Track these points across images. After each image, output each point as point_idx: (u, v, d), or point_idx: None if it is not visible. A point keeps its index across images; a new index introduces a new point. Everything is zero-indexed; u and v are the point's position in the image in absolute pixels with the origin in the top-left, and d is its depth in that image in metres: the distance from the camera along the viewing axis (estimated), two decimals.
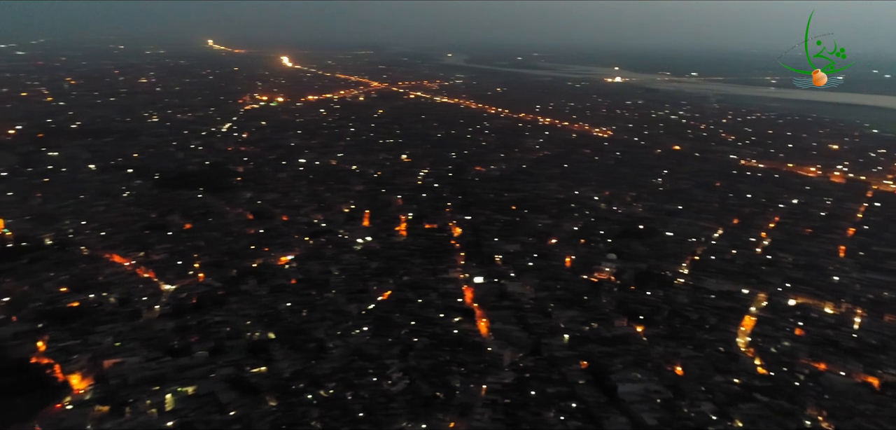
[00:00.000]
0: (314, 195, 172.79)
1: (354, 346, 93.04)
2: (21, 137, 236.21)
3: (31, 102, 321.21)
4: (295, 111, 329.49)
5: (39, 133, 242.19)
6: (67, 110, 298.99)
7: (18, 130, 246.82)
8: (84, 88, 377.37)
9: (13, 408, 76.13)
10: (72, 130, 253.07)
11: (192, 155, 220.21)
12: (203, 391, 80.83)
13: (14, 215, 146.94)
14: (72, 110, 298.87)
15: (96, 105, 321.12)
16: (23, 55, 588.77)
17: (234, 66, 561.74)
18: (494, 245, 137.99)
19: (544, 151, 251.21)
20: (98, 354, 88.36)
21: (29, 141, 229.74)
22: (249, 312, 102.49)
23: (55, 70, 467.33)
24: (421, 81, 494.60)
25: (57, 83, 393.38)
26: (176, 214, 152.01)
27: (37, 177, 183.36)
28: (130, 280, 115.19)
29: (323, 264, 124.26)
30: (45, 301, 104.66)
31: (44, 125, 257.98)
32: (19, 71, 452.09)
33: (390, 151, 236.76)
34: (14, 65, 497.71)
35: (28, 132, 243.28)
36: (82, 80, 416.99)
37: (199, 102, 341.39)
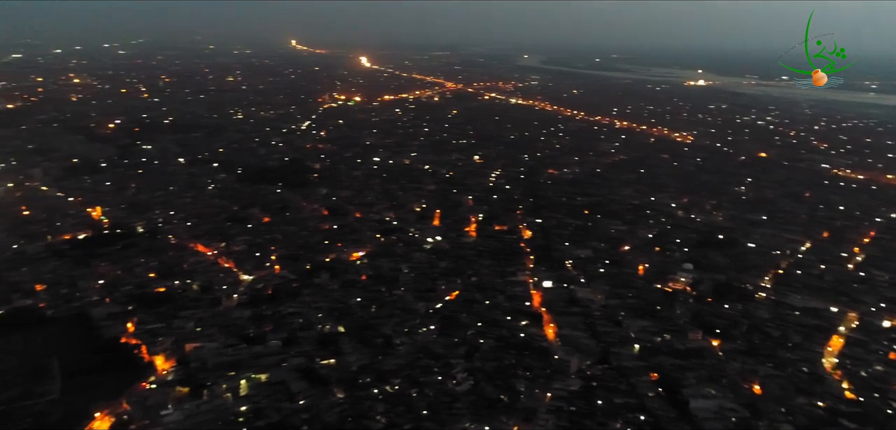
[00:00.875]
0: (387, 193, 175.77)
1: (421, 344, 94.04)
2: (119, 131, 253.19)
3: (130, 99, 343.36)
4: (371, 111, 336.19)
5: (136, 127, 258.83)
6: (161, 106, 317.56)
7: (117, 124, 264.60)
8: (177, 86, 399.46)
9: (104, 384, 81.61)
10: (164, 126, 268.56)
11: (273, 151, 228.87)
12: (275, 379, 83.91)
13: (111, 204, 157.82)
14: (165, 106, 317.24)
15: (187, 102, 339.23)
16: (124, 54, 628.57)
17: (315, 65, 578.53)
18: (565, 250, 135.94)
19: (620, 155, 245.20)
20: (181, 337, 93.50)
21: (126, 135, 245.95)
22: (321, 305, 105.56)
23: (152, 68, 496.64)
24: (496, 82, 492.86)
25: (153, 81, 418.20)
26: (256, 207, 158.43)
27: (132, 169, 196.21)
28: (212, 269, 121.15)
29: (393, 261, 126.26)
30: (136, 285, 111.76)
31: (140, 120, 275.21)
32: (120, 69, 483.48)
33: (463, 151, 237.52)
34: (116, 63, 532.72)
35: (126, 127, 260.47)
36: (175, 77, 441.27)
37: (281, 100, 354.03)
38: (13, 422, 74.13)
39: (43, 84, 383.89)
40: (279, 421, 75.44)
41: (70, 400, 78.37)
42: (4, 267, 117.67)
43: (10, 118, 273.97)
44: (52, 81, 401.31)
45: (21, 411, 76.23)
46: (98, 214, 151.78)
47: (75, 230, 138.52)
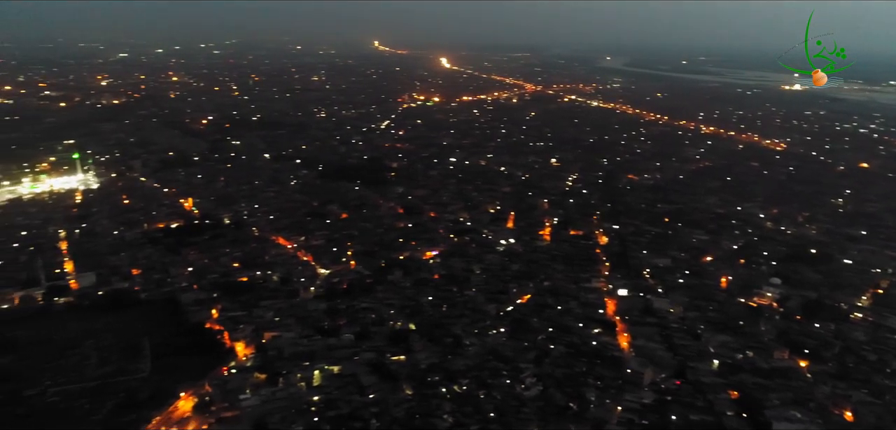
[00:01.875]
0: (462, 194, 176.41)
1: (490, 346, 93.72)
2: (211, 127, 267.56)
3: (222, 96, 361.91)
4: (449, 111, 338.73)
5: (226, 124, 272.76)
6: (250, 104, 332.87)
7: (210, 120, 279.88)
8: (265, 85, 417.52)
9: (189, 366, 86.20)
10: (252, 122, 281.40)
11: (353, 149, 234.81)
12: (347, 371, 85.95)
13: (201, 196, 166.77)
14: (254, 104, 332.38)
15: (274, 100, 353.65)
16: (218, 54, 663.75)
17: (396, 66, 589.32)
18: (643, 258, 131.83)
19: (705, 161, 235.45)
20: (260, 326, 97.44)
21: (217, 130, 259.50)
22: (394, 301, 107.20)
23: (243, 68, 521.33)
24: (576, 84, 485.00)
25: (243, 79, 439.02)
26: (335, 203, 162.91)
27: (221, 163, 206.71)
28: (291, 262, 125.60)
29: (466, 262, 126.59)
30: (221, 274, 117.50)
31: (230, 117, 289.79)
32: (214, 68, 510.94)
33: (540, 154, 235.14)
34: (211, 62, 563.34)
35: (217, 123, 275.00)
36: (264, 77, 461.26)
37: (362, 99, 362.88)
38: (108, 396, 79.68)
39: (145, 82, 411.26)
40: (349, 413, 77.18)
41: (158, 379, 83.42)
42: (106, 251, 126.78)
43: (116, 113, 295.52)
44: (153, 78, 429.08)
45: (115, 386, 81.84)
46: (189, 204, 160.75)
47: (169, 219, 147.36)
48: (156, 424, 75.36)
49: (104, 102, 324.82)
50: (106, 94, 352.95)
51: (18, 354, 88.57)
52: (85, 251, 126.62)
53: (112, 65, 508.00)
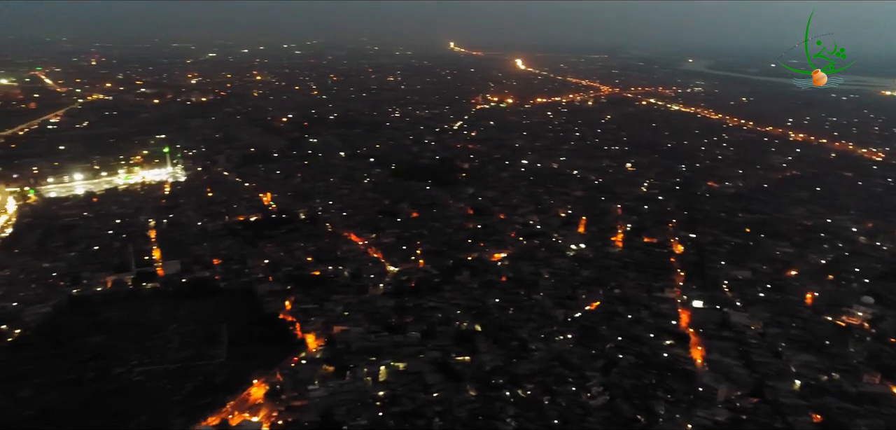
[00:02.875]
0: (532, 197, 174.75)
1: (556, 351, 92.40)
2: (290, 125, 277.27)
3: (302, 95, 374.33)
4: (522, 113, 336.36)
5: (305, 122, 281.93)
6: (328, 103, 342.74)
7: (289, 118, 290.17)
8: (343, 84, 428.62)
9: (262, 354, 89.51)
10: (329, 121, 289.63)
11: (425, 149, 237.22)
12: (412, 369, 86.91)
13: (279, 191, 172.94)
14: (331, 103, 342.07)
15: (351, 99, 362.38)
16: (300, 54, 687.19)
17: (471, 67, 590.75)
18: (721, 269, 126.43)
19: (792, 170, 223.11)
20: (330, 319, 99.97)
21: (296, 128, 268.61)
22: (460, 302, 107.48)
23: (322, 68, 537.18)
24: (655, 87, 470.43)
25: (322, 79, 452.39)
26: (406, 202, 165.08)
27: (299, 159, 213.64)
28: (362, 258, 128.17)
29: (534, 265, 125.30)
30: (295, 267, 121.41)
31: (309, 115, 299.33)
32: (295, 68, 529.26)
33: (614, 158, 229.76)
34: (292, 62, 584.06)
35: (296, 121, 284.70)
36: (342, 77, 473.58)
37: (436, 100, 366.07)
38: (187, 378, 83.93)
39: (231, 80, 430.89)
40: (413, 410, 78.00)
41: (233, 365, 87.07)
42: (190, 241, 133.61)
43: (204, 110, 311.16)
44: (239, 77, 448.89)
45: (194, 369, 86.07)
46: (268, 199, 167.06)
47: (248, 213, 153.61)
48: (230, 408, 78.69)
49: (193, 100, 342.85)
50: (195, 91, 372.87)
51: (109, 333, 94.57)
52: (171, 240, 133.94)
53: (201, 64, 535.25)
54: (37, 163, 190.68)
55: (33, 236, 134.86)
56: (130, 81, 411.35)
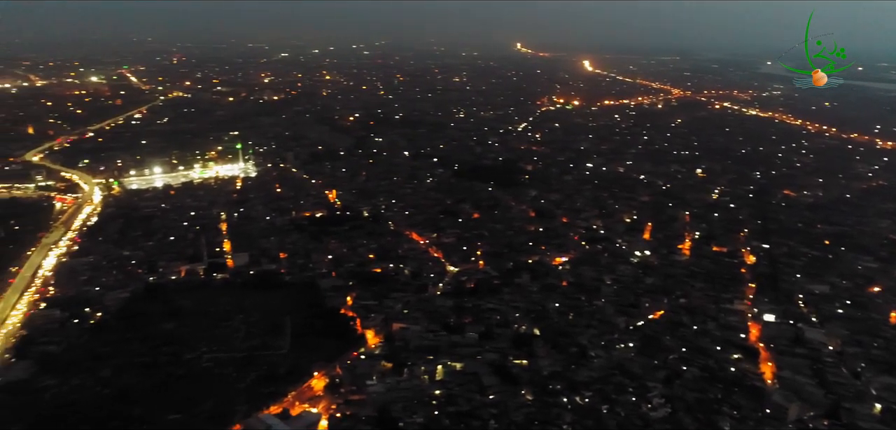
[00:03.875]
0: (597, 201, 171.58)
1: (617, 360, 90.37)
2: (357, 124, 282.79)
3: (369, 95, 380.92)
4: (589, 115, 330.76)
5: (371, 121, 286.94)
6: (394, 103, 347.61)
7: (356, 117, 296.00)
8: (409, 85, 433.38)
9: (323, 347, 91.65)
10: (395, 121, 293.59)
11: (488, 150, 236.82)
12: (469, 369, 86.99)
13: (344, 188, 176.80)
14: (397, 103, 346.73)
15: (416, 100, 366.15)
16: (368, 54, 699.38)
17: (537, 68, 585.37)
18: (796, 282, 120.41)
19: (879, 180, 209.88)
20: (390, 317, 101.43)
21: (362, 127, 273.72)
22: (519, 305, 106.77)
23: (390, 68, 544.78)
24: (730, 90, 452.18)
25: (389, 79, 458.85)
26: (467, 203, 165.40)
27: (364, 158, 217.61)
28: (422, 257, 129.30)
29: (596, 271, 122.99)
30: (357, 264, 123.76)
31: (375, 115, 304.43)
32: (363, 68, 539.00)
33: (684, 163, 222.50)
34: (360, 62, 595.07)
35: (363, 120, 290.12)
36: (409, 77, 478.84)
37: (501, 101, 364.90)
38: (252, 367, 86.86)
39: (301, 80, 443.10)
40: (468, 411, 77.99)
41: (296, 356, 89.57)
42: (258, 234, 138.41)
43: (275, 108, 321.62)
44: (309, 77, 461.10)
45: (259, 359, 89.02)
46: (333, 196, 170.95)
47: (314, 209, 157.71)
48: (291, 398, 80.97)
49: (265, 98, 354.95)
50: (267, 90, 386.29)
51: (182, 320, 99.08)
52: (241, 233, 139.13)
53: (274, 64, 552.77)
54: (121, 156, 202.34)
55: (116, 225, 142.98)
56: (208, 79, 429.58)
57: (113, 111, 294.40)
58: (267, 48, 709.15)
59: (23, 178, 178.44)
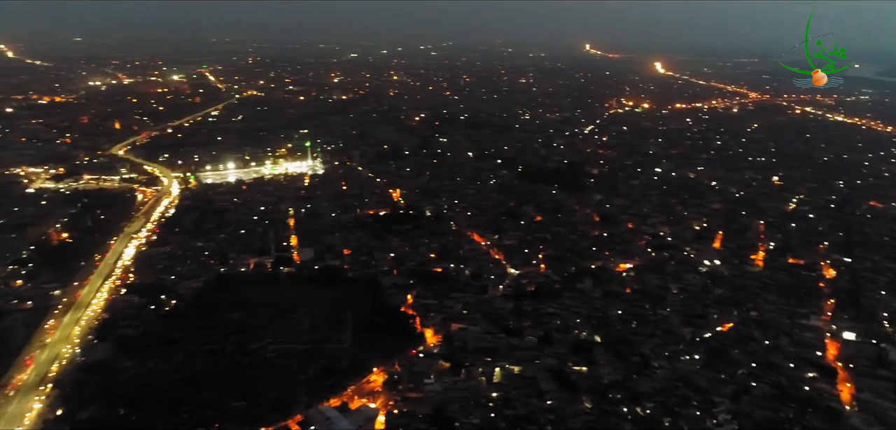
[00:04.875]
0: (664, 207, 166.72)
1: (681, 372, 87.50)
2: (422, 124, 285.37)
3: (435, 95, 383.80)
4: (659, 118, 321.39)
5: (436, 121, 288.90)
6: (459, 104, 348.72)
7: (422, 117, 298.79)
8: (475, 86, 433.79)
9: (383, 343, 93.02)
10: (460, 121, 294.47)
11: (554, 153, 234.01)
12: (527, 373, 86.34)
13: (408, 188, 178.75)
14: (462, 104, 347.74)
15: (482, 101, 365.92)
16: (435, 55, 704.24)
17: (606, 70, 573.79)
18: (880, 300, 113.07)
19: None
20: (449, 316, 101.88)
21: (428, 127, 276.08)
22: (580, 310, 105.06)
23: (456, 69, 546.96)
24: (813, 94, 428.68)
25: (455, 80, 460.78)
26: (530, 205, 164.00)
27: (428, 158, 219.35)
28: (483, 258, 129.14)
29: (662, 279, 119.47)
30: (418, 262, 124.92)
31: (440, 115, 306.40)
32: (430, 69, 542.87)
33: (760, 170, 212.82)
34: (427, 63, 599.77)
35: (428, 120, 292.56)
36: (475, 78, 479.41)
37: (568, 103, 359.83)
38: (314, 359, 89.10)
39: (369, 80, 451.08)
40: (525, 415, 77.33)
41: (356, 351, 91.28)
42: (324, 231, 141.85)
43: (343, 107, 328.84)
44: (377, 77, 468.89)
45: (320, 352, 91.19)
46: (397, 195, 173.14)
47: (378, 207, 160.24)
48: (350, 392, 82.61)
49: (334, 98, 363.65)
50: (336, 90, 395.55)
51: (249, 311, 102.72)
52: (307, 229, 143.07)
53: (344, 64, 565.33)
54: (198, 151, 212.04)
55: (191, 217, 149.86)
56: (280, 79, 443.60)
57: (192, 108, 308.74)
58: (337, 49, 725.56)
59: (109, 170, 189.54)
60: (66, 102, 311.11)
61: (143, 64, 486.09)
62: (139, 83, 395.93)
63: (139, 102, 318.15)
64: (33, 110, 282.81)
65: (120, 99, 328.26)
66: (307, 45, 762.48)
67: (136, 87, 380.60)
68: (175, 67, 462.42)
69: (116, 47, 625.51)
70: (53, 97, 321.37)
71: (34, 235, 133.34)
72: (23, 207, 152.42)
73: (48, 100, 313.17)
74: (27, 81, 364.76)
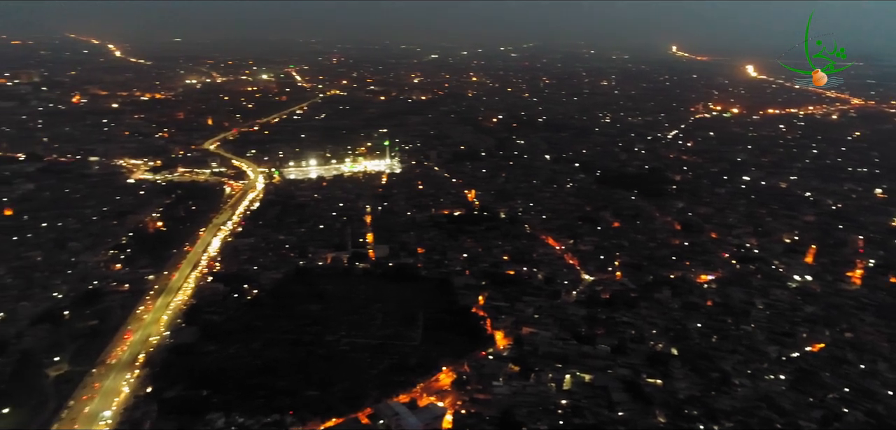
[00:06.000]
0: (752, 217, 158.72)
1: (765, 391, 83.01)
2: (500, 126, 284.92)
3: (513, 97, 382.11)
4: (749, 124, 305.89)
5: (514, 123, 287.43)
6: (538, 106, 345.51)
7: (499, 119, 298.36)
8: (555, 87, 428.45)
9: (453, 343, 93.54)
10: (538, 123, 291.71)
11: (634, 157, 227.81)
12: (598, 383, 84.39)
13: (483, 189, 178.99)
14: (541, 106, 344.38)
15: (561, 103, 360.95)
16: (515, 57, 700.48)
17: (693, 73, 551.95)
18: None
19: None
20: (520, 320, 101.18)
21: (505, 129, 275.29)
22: (657, 321, 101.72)
23: (536, 70, 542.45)
24: None
25: (535, 82, 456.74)
26: (608, 210, 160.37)
27: (504, 160, 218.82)
28: (557, 263, 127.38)
29: (747, 293, 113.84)
30: (491, 264, 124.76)
31: (518, 117, 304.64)
32: (509, 70, 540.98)
33: (860, 181, 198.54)
34: (507, 65, 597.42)
35: (506, 122, 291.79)
36: (555, 80, 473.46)
37: (651, 107, 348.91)
38: (385, 355, 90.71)
39: (449, 81, 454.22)
40: (595, 425, 75.70)
41: (426, 349, 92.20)
42: (399, 229, 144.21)
43: (422, 108, 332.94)
44: (456, 78, 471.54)
45: (392, 348, 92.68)
46: (472, 196, 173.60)
47: (453, 207, 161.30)
48: (419, 389, 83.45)
49: (414, 98, 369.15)
50: (416, 90, 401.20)
51: (325, 304, 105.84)
52: (383, 226, 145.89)
53: (424, 65, 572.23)
54: (283, 148, 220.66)
55: (274, 211, 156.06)
56: (362, 79, 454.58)
57: (278, 106, 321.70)
58: (419, 50, 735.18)
59: (201, 164, 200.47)
60: (164, 99, 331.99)
61: (235, 63, 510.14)
62: (231, 82, 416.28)
63: (231, 100, 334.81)
64: (136, 106, 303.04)
65: (213, 97, 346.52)
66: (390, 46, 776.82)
67: (229, 85, 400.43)
68: (264, 67, 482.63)
69: (212, 47, 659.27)
70: (154, 94, 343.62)
71: (133, 222, 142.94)
72: (124, 196, 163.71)
73: (149, 97, 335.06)
74: (131, 79, 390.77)
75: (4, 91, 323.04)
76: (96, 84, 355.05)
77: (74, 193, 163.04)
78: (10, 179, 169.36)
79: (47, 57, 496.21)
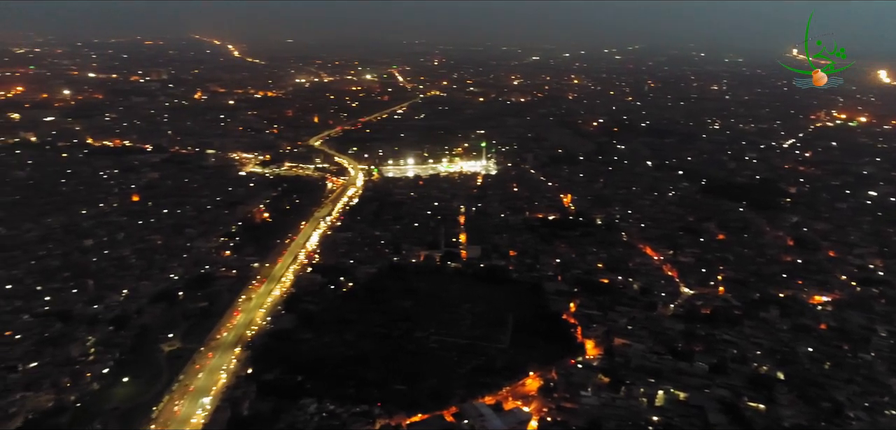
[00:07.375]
0: (877, 236, 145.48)
1: (884, 427, 75.78)
2: (600, 130, 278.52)
3: (615, 101, 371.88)
4: (878, 135, 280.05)
5: (614, 127, 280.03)
6: (641, 110, 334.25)
7: (600, 123, 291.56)
8: (660, 91, 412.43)
9: (541, 349, 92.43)
10: (640, 128, 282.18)
11: (744, 167, 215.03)
12: (693, 401, 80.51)
13: (580, 194, 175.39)
14: (645, 110, 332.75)
15: (666, 107, 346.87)
16: (619, 59, 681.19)
17: None
18: None
19: None
20: (613, 330, 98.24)
21: (605, 133, 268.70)
22: (762, 342, 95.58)
23: (640, 73, 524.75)
24: None
25: (639, 85, 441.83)
26: (712, 222, 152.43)
27: (603, 165, 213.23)
28: (654, 273, 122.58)
29: (867, 318, 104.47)
30: (584, 271, 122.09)
31: (620, 121, 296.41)
32: (612, 73, 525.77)
33: None
34: (610, 67, 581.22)
35: (606, 126, 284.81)
36: (660, 83, 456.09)
37: (766, 114, 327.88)
38: (473, 355, 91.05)
39: (549, 83, 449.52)
40: None
41: (513, 353, 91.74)
42: (491, 230, 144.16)
43: (520, 110, 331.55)
44: (557, 80, 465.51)
45: (479, 348, 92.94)
46: (567, 200, 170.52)
47: (547, 211, 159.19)
48: (505, 392, 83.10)
49: (512, 100, 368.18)
50: (515, 92, 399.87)
51: (416, 300, 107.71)
52: (476, 227, 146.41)
53: (524, 66, 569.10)
54: (382, 146, 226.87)
55: (371, 207, 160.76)
56: (462, 80, 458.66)
57: (380, 106, 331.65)
58: (520, 51, 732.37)
59: (306, 159, 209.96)
60: (275, 97, 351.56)
61: (341, 63, 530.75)
62: (337, 81, 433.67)
63: (336, 98, 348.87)
64: (250, 103, 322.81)
65: (320, 95, 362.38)
66: (491, 48, 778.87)
67: (335, 84, 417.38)
68: (368, 67, 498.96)
69: (320, 47, 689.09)
70: (266, 92, 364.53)
71: (242, 212, 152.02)
72: (235, 187, 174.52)
73: (262, 94, 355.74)
74: (247, 78, 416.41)
75: (138, 88, 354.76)
76: (216, 82, 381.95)
77: (192, 183, 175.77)
78: (138, 168, 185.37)
79: (175, 56, 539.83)
